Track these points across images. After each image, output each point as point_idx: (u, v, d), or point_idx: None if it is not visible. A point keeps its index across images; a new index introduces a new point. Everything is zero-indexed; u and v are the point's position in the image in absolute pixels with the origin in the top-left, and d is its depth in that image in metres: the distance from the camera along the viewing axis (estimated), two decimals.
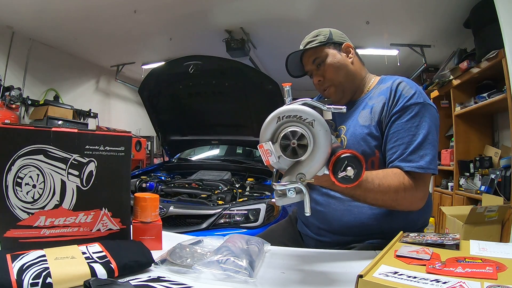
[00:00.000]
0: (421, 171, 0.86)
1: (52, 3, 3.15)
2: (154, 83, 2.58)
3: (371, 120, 0.94)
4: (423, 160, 0.86)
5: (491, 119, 3.24)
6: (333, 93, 1.02)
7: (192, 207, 1.94)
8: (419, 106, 0.89)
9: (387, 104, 0.92)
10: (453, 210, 2.70)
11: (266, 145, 0.61)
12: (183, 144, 3.06)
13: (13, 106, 3.70)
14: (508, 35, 1.91)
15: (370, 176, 0.82)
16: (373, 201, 0.84)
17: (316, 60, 1.01)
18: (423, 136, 0.87)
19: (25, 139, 0.69)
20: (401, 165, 0.86)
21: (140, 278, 0.64)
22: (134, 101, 5.94)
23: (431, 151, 0.87)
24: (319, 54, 1.01)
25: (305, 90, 6.40)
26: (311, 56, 1.02)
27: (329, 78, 1.00)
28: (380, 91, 0.97)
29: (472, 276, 0.50)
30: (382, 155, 0.93)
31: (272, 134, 0.62)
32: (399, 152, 0.88)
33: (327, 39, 1.02)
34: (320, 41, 1.01)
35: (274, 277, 0.69)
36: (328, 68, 1.00)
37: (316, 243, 1.01)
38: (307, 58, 1.03)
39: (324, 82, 1.02)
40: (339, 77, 1.00)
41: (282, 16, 3.46)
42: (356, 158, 0.61)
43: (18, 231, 0.69)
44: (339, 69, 1.00)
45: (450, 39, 3.63)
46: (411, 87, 0.92)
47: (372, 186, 0.81)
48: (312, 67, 1.03)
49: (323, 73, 1.01)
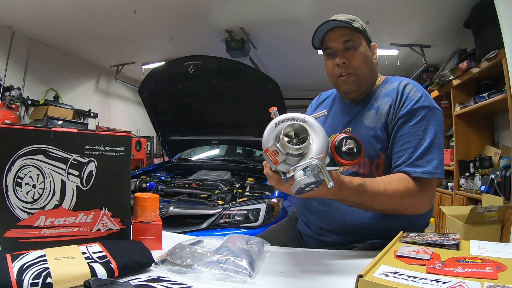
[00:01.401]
0: (428, 177, 0.85)
1: (52, 4, 3.15)
2: (154, 83, 2.58)
3: (377, 122, 0.93)
4: (430, 165, 0.86)
5: (491, 119, 3.24)
6: (351, 82, 0.97)
7: (192, 207, 1.94)
8: (426, 109, 0.89)
9: (394, 106, 0.92)
10: (453, 210, 2.70)
11: (272, 147, 0.65)
12: (183, 144, 3.07)
13: (13, 106, 3.70)
14: (508, 35, 1.91)
15: (375, 181, 0.82)
16: (380, 206, 0.84)
17: (349, 42, 0.95)
18: (430, 140, 0.87)
19: (25, 139, 0.69)
20: (408, 170, 0.86)
21: (140, 278, 0.64)
22: (134, 101, 5.94)
23: (437, 156, 0.87)
24: (354, 38, 0.95)
25: (305, 90, 6.38)
26: (345, 35, 0.95)
27: (355, 66, 0.95)
28: (385, 92, 0.96)
29: (472, 276, 0.50)
30: (387, 158, 0.92)
31: (274, 138, 0.67)
32: (406, 156, 0.87)
33: (364, 29, 0.97)
34: (359, 27, 0.95)
35: (274, 277, 0.69)
36: (358, 56, 0.95)
37: (317, 243, 1.00)
38: (338, 35, 0.95)
39: (348, 67, 0.96)
40: (364, 70, 0.96)
41: (282, 16, 3.46)
42: (351, 136, 0.69)
43: (18, 231, 0.69)
44: (366, 61, 0.97)
45: (450, 39, 3.63)
46: (417, 90, 0.91)
47: (378, 191, 0.81)
48: (340, 46, 0.96)
49: (350, 58, 0.95)
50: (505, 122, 2.72)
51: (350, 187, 0.78)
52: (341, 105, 1.07)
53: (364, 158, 0.93)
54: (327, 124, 1.05)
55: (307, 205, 1.04)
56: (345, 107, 1.05)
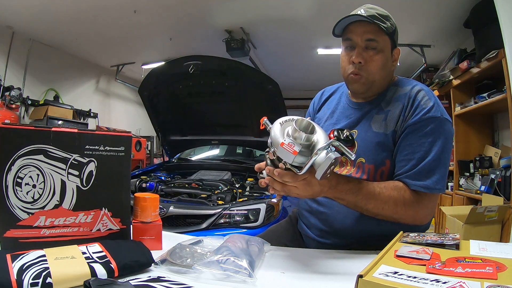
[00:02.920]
0: (426, 191, 0.84)
1: (52, 4, 3.15)
2: (154, 83, 2.58)
3: (385, 128, 0.90)
4: (430, 180, 0.84)
5: (491, 119, 3.24)
6: (360, 84, 0.93)
7: (192, 207, 1.93)
8: (436, 122, 0.85)
9: (404, 113, 0.88)
10: (453, 210, 2.70)
11: (286, 140, 0.69)
12: (183, 144, 3.06)
13: (13, 106, 3.70)
14: (508, 35, 1.91)
15: (371, 184, 0.82)
16: (374, 209, 0.84)
17: (372, 42, 0.89)
18: (435, 154, 0.85)
19: (25, 139, 0.69)
20: (407, 181, 0.85)
21: (140, 278, 0.64)
22: (134, 101, 5.94)
23: (440, 171, 0.85)
24: (378, 39, 0.89)
25: (305, 90, 6.38)
26: (370, 33, 0.89)
27: (370, 69, 0.91)
28: (396, 96, 0.92)
29: (472, 276, 0.50)
30: (392, 165, 0.90)
31: (284, 134, 0.72)
32: (408, 167, 0.86)
33: (392, 31, 0.91)
34: (388, 28, 0.89)
35: (274, 277, 0.69)
36: (377, 60, 0.90)
37: (317, 245, 0.99)
38: (362, 30, 0.89)
39: (362, 68, 0.91)
40: (377, 75, 0.92)
41: (282, 16, 3.45)
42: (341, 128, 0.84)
43: (18, 231, 0.69)
44: (383, 68, 0.92)
45: (450, 39, 3.63)
46: (429, 98, 0.88)
47: (374, 193, 0.81)
48: (361, 43, 0.90)
49: (368, 58, 0.90)
50: (505, 122, 2.72)
51: (347, 181, 0.81)
52: (350, 103, 1.02)
53: (369, 165, 0.91)
54: (332, 121, 1.02)
55: (308, 207, 1.03)
56: (353, 106, 1.00)
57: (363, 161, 0.92)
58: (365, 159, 0.92)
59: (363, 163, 0.92)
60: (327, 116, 1.05)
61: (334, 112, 1.04)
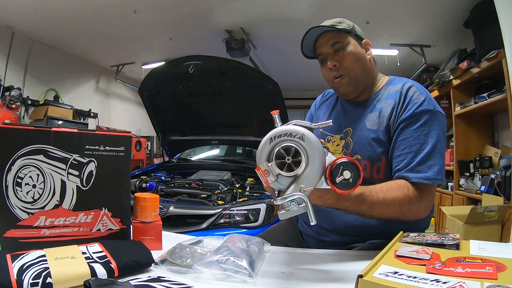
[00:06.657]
0: (428, 182, 0.85)
1: (52, 3, 3.15)
2: (154, 83, 2.58)
3: (379, 125, 0.92)
4: (431, 171, 0.85)
5: (491, 119, 3.24)
6: (345, 83, 0.98)
7: (192, 207, 1.93)
8: (429, 114, 0.88)
9: (396, 109, 0.91)
10: (453, 210, 2.70)
11: (263, 166, 0.64)
12: (183, 144, 3.06)
13: (13, 106, 3.70)
14: (508, 35, 1.91)
15: (374, 190, 0.81)
16: (379, 215, 0.83)
17: (337, 44, 0.97)
18: (431, 145, 0.86)
19: (25, 139, 0.69)
20: (408, 175, 0.85)
21: (140, 278, 0.64)
22: (134, 101, 5.94)
23: (439, 161, 0.86)
24: (341, 39, 0.97)
25: (305, 90, 6.39)
26: (332, 38, 0.97)
27: (346, 66, 0.96)
28: (389, 94, 0.96)
29: (472, 276, 0.50)
30: (388, 161, 0.91)
31: (267, 155, 0.65)
32: (407, 161, 0.87)
33: (351, 28, 0.99)
34: (345, 27, 0.97)
35: (274, 277, 0.69)
36: (348, 56, 0.96)
37: (317, 242, 1.00)
38: (325, 39, 0.98)
39: (340, 69, 0.97)
40: (356, 69, 0.97)
41: (282, 16, 3.46)
42: (351, 162, 0.63)
43: (18, 231, 0.69)
44: (358, 60, 0.97)
45: (450, 39, 3.63)
46: (421, 93, 0.91)
47: (377, 200, 0.80)
48: (329, 50, 0.98)
49: (340, 59, 0.97)
50: (505, 122, 2.72)
51: (348, 198, 0.77)
52: (344, 105, 1.06)
53: (365, 161, 0.93)
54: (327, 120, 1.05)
55: None
56: (347, 107, 1.05)
57: (359, 158, 0.94)
58: (360, 155, 0.94)
59: (359, 160, 0.93)
60: (326, 116, 1.09)
61: (331, 112, 1.08)
